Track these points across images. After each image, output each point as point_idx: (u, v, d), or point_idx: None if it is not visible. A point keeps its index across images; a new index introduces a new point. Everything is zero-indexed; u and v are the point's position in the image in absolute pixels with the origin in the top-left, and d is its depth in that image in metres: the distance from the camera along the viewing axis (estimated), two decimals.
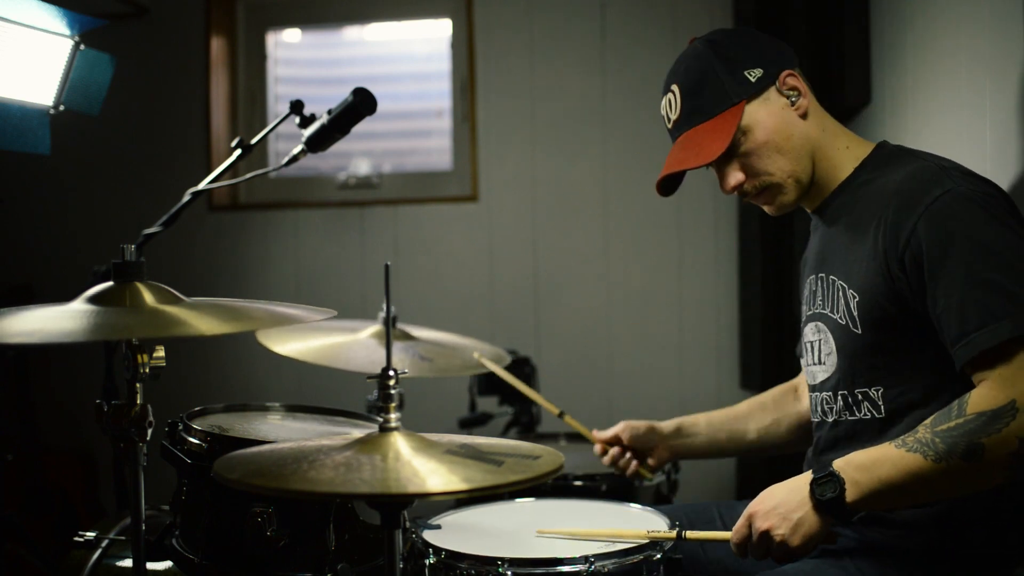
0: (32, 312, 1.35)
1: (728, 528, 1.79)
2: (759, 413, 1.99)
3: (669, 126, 1.72)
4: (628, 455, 2.02)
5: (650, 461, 2.03)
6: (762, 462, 3.17)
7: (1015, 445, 1.30)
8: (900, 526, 1.52)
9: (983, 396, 1.34)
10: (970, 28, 1.98)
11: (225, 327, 1.34)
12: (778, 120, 1.60)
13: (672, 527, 1.61)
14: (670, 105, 1.70)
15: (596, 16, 3.46)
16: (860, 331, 1.53)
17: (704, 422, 2.03)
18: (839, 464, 1.41)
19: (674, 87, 1.68)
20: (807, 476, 1.44)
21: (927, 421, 1.38)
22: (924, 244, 1.42)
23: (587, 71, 3.48)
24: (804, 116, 1.61)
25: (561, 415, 2.16)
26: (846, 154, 1.63)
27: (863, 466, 1.39)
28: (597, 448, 2.07)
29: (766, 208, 1.69)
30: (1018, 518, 1.50)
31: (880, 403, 1.53)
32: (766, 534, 1.45)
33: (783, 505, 1.44)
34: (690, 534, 1.57)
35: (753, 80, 1.59)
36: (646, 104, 3.44)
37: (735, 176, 1.64)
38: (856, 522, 1.56)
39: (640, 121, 3.43)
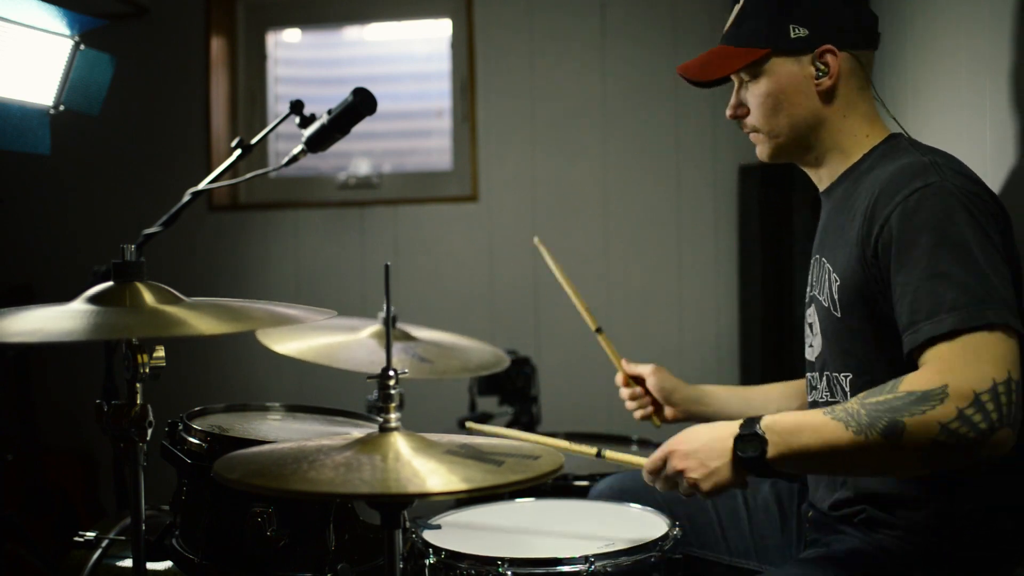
0: (32, 312, 1.35)
1: (748, 508, 1.81)
2: (786, 399, 1.97)
3: (724, 29, 1.71)
4: (647, 398, 2.03)
5: (667, 413, 2.03)
6: None
7: (935, 430, 1.28)
8: (900, 528, 1.52)
9: (918, 377, 1.33)
10: (970, 28, 1.98)
11: (225, 327, 1.34)
12: (792, 84, 1.59)
13: (672, 527, 1.62)
14: (732, 13, 1.67)
15: (596, 16, 3.46)
16: (839, 315, 1.53)
17: (730, 398, 2.02)
18: (766, 423, 1.40)
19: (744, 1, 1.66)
20: (733, 428, 1.42)
21: (862, 393, 1.37)
22: (894, 232, 1.41)
23: (587, 71, 3.48)
24: (824, 94, 1.59)
25: (599, 330, 2.16)
26: (862, 141, 1.62)
27: (787, 429, 1.38)
28: (620, 378, 2.07)
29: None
30: (1017, 519, 1.50)
31: (847, 390, 1.54)
32: (680, 473, 1.45)
33: (703, 451, 1.44)
34: (609, 454, 1.66)
35: (793, 37, 1.57)
36: (646, 104, 3.45)
37: (733, 107, 1.68)
38: (857, 523, 1.56)
39: (640, 121, 3.43)
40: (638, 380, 2.06)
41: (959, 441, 1.28)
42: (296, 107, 2.15)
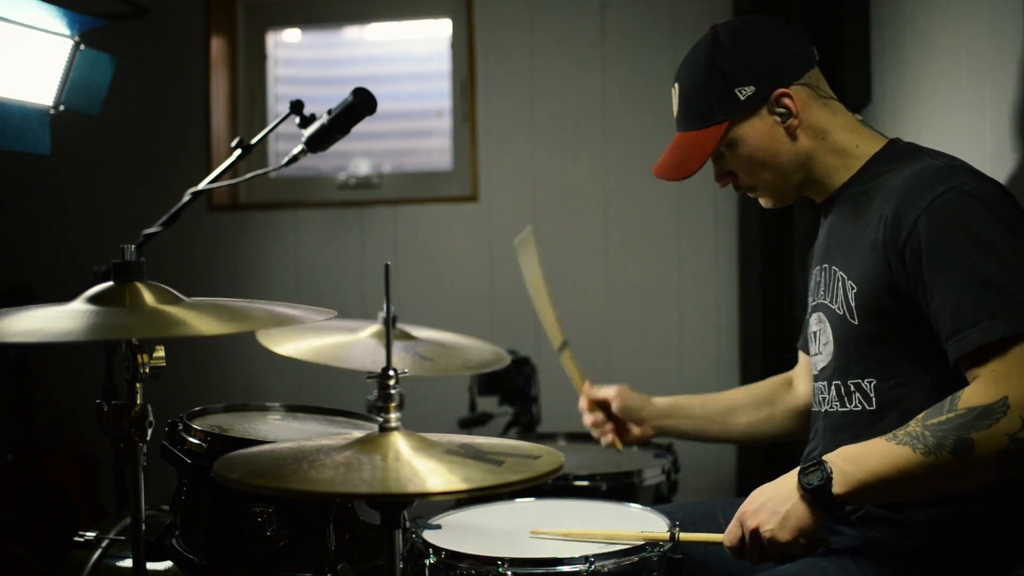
0: (32, 312, 1.35)
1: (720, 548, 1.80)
2: (754, 407, 1.99)
3: (673, 117, 1.74)
4: (609, 424, 2.03)
5: (634, 432, 2.03)
6: (762, 460, 3.18)
7: (1004, 442, 1.30)
8: (901, 526, 1.52)
9: (975, 392, 1.34)
10: (970, 28, 1.98)
11: (225, 327, 1.34)
12: (764, 138, 1.62)
13: (670, 528, 1.61)
14: (673, 99, 1.72)
15: (596, 16, 3.46)
16: (856, 322, 1.53)
17: (698, 409, 2.04)
18: (828, 456, 1.42)
19: (676, 84, 1.70)
20: (796, 470, 1.44)
21: (919, 416, 1.38)
22: (924, 239, 1.41)
23: (587, 71, 3.48)
24: (794, 135, 1.61)
25: (562, 348, 2.12)
26: (855, 151, 1.63)
27: (851, 457, 1.40)
28: (583, 402, 2.06)
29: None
30: (1018, 518, 1.50)
31: (871, 395, 1.53)
32: (756, 532, 1.44)
33: (772, 500, 1.44)
34: (684, 536, 1.57)
35: (743, 98, 1.60)
36: (646, 104, 3.45)
37: (723, 177, 1.72)
38: (857, 521, 1.56)
39: (640, 121, 3.43)
40: (602, 404, 2.05)
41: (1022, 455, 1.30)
42: (296, 107, 2.15)
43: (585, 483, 2.20)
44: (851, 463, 1.39)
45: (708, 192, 3.36)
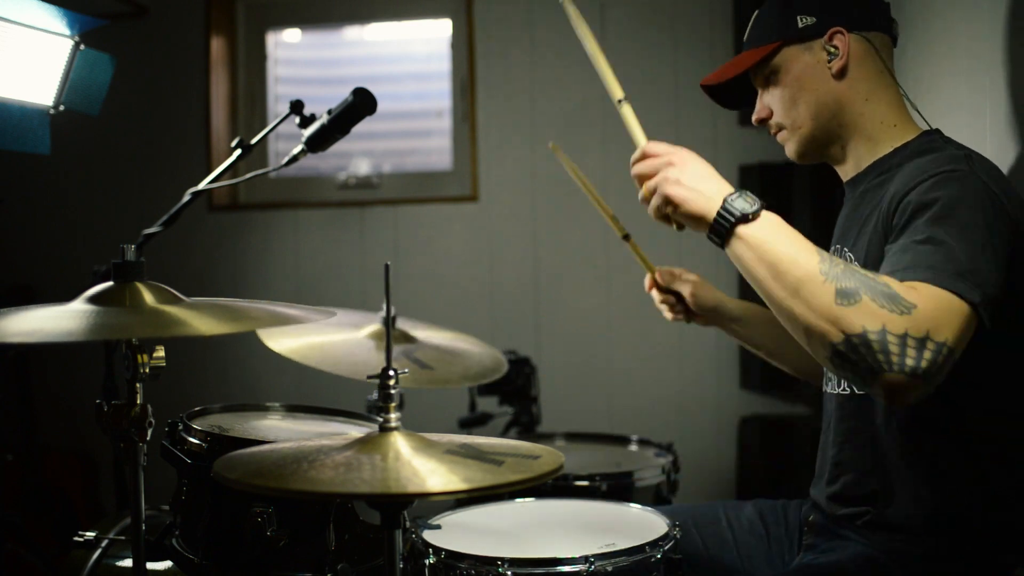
0: (32, 312, 1.35)
1: (734, 531, 1.79)
2: None
3: None
4: (680, 305, 2.04)
5: (697, 320, 2.04)
6: (763, 464, 3.18)
7: (873, 326, 1.24)
8: (902, 530, 1.51)
9: (902, 283, 1.29)
10: (970, 28, 1.98)
11: (225, 327, 1.34)
12: (806, 72, 1.61)
13: (672, 527, 1.62)
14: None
15: (596, 16, 3.46)
16: None
17: (763, 328, 1.99)
18: (770, 213, 1.40)
19: (761, 8, 1.71)
20: (727, 189, 1.45)
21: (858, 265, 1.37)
22: (912, 203, 1.40)
23: (587, 71, 3.45)
24: (839, 76, 1.59)
25: (626, 237, 2.11)
26: (891, 132, 1.61)
27: (783, 230, 1.38)
28: (648, 280, 2.08)
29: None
30: (1018, 519, 1.50)
31: None
32: (668, 167, 1.49)
33: (698, 179, 1.47)
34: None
35: (800, 26, 1.60)
36: (646, 104, 3.43)
37: (759, 111, 1.70)
38: (859, 525, 1.56)
39: (640, 121, 3.41)
40: (671, 292, 2.04)
41: (875, 353, 1.24)
42: (296, 107, 2.15)
43: (585, 483, 2.20)
44: (776, 231, 1.38)
45: None
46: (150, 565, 1.51)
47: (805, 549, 1.68)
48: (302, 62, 3.87)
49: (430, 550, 1.55)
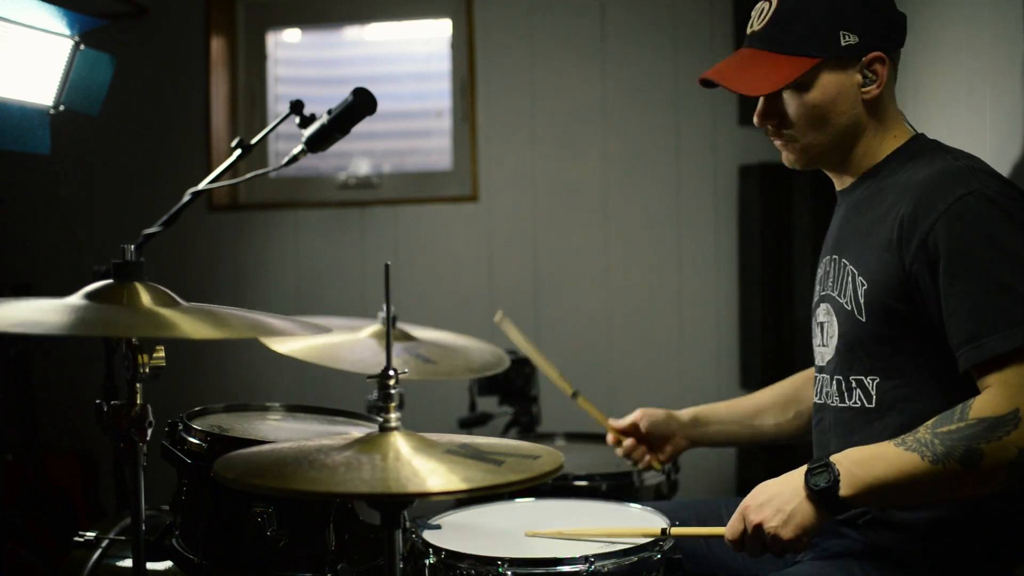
0: (27, 303, 1.34)
1: (716, 557, 1.78)
2: (780, 407, 1.96)
3: (748, 30, 1.60)
4: (642, 447, 2.01)
5: (667, 450, 2.02)
6: (763, 459, 3.18)
7: (1014, 454, 1.30)
8: (903, 528, 1.51)
9: (987, 402, 1.33)
10: (970, 28, 1.98)
11: (214, 333, 1.34)
12: (840, 94, 1.53)
13: (672, 526, 1.61)
14: (761, 13, 1.57)
15: (596, 16, 3.46)
16: (864, 319, 1.51)
17: (725, 414, 2.01)
18: (836, 456, 1.41)
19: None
20: (802, 468, 1.43)
21: (929, 422, 1.37)
22: (942, 243, 1.39)
23: (587, 71, 3.48)
24: (869, 103, 1.55)
25: (575, 395, 2.13)
26: (890, 143, 1.59)
27: (859, 460, 1.39)
28: (610, 438, 2.05)
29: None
30: (1018, 519, 1.49)
31: (872, 392, 1.52)
32: (759, 527, 1.44)
33: (777, 497, 1.44)
34: (677, 531, 1.57)
35: (843, 44, 1.50)
36: (646, 104, 3.45)
37: (768, 115, 1.59)
38: (860, 524, 1.56)
39: (640, 121, 3.42)
40: (629, 431, 2.04)
41: None
42: (296, 107, 2.15)
43: (585, 483, 2.20)
44: (859, 466, 1.38)
45: (708, 192, 3.36)
46: (150, 565, 1.51)
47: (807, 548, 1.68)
48: (302, 62, 3.86)
49: (430, 550, 1.55)
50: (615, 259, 3.47)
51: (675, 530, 1.58)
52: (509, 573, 1.47)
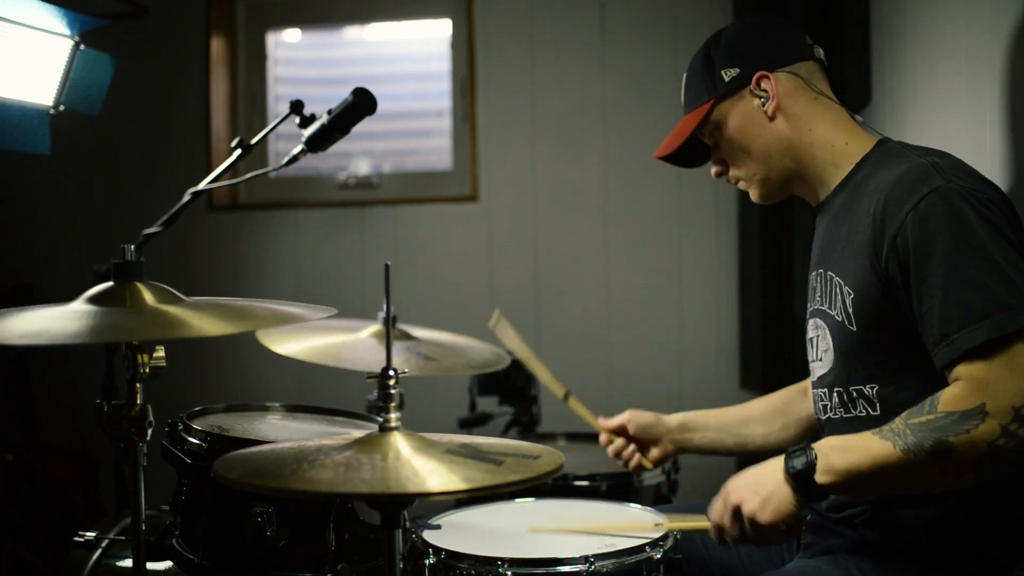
0: (33, 313, 1.35)
1: (713, 560, 1.79)
2: (769, 418, 1.98)
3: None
4: (632, 447, 2.02)
5: (654, 452, 2.02)
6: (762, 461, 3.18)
7: (983, 448, 1.29)
8: (901, 527, 1.51)
9: (954, 396, 1.33)
10: (970, 28, 1.98)
11: (226, 327, 1.34)
12: (744, 120, 1.65)
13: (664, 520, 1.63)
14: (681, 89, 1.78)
15: (596, 16, 3.46)
16: (855, 328, 1.52)
17: (713, 421, 2.02)
18: (816, 443, 1.43)
19: (686, 71, 1.76)
20: (783, 455, 1.45)
21: (904, 413, 1.37)
22: (910, 242, 1.40)
23: (587, 71, 3.48)
24: (774, 117, 1.63)
25: (566, 397, 2.14)
26: (845, 151, 1.62)
27: (838, 447, 1.40)
28: (603, 438, 2.06)
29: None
30: (1018, 519, 1.50)
31: (875, 400, 1.52)
32: (738, 509, 1.46)
33: (757, 481, 1.46)
34: (672, 523, 1.61)
35: (727, 79, 1.65)
36: (646, 104, 3.45)
37: (714, 167, 1.75)
38: (857, 523, 1.56)
39: (640, 121, 3.43)
40: (619, 432, 2.04)
41: (1007, 454, 1.29)
42: (296, 107, 2.15)
43: (585, 483, 2.20)
44: (836, 452, 1.40)
45: (708, 192, 3.36)
46: (150, 565, 1.51)
47: (803, 548, 1.68)
48: (302, 62, 3.87)
49: (430, 550, 1.55)
50: (615, 259, 3.47)
51: (671, 523, 1.61)
52: (509, 573, 1.48)
